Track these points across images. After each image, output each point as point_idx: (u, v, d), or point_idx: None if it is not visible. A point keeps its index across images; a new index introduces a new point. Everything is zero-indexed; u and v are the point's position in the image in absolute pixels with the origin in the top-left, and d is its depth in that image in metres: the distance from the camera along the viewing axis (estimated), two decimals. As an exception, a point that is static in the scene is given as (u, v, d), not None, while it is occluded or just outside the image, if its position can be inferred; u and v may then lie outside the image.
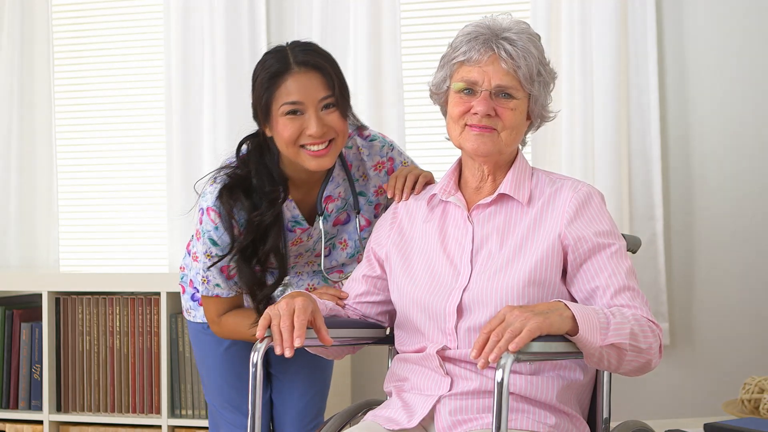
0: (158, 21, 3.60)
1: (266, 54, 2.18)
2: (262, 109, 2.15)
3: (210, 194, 2.20)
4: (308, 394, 2.47)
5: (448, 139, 2.02)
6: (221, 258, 2.20)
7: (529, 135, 2.06)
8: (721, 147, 3.20)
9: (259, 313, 2.21)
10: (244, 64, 3.43)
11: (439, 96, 2.04)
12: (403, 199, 2.15)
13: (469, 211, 2.01)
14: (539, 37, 1.99)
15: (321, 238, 2.30)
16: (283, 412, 2.47)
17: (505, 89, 1.92)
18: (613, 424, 2.00)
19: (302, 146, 2.13)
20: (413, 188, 2.16)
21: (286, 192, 2.22)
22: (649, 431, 2.04)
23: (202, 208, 2.22)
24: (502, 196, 1.99)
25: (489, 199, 1.99)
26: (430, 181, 2.20)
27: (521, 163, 2.02)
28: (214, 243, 2.21)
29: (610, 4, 3.14)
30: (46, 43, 3.64)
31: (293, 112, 2.11)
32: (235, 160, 2.25)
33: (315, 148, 2.12)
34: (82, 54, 3.70)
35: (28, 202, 3.65)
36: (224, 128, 3.42)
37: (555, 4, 3.21)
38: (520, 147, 2.06)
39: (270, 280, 2.25)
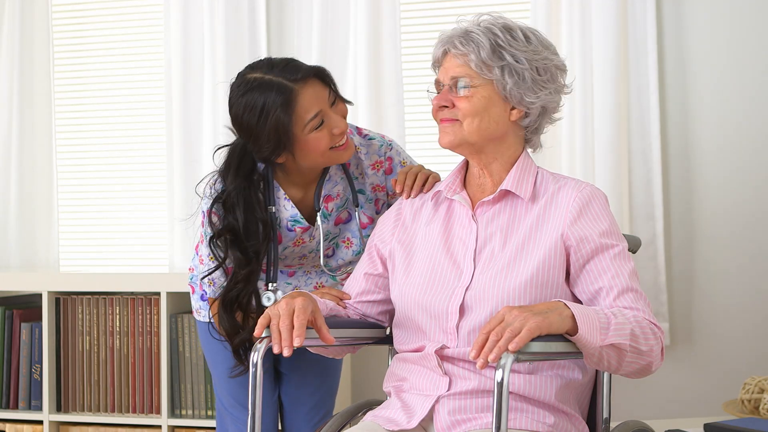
0: (158, 21, 3.60)
1: (251, 91, 2.14)
2: (285, 140, 2.14)
3: (210, 198, 2.23)
4: (318, 392, 2.48)
5: None
6: (212, 271, 2.24)
7: (544, 135, 2.06)
8: (721, 147, 3.20)
9: (236, 354, 2.25)
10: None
11: None
12: (412, 196, 2.15)
13: (473, 209, 2.01)
14: (510, 30, 1.96)
15: (320, 234, 2.31)
16: (293, 410, 2.48)
17: (458, 79, 1.96)
18: (613, 424, 2.00)
19: (331, 147, 2.18)
20: (422, 186, 2.17)
21: (267, 240, 2.23)
22: (649, 431, 2.04)
23: (203, 211, 2.23)
24: (505, 194, 1.99)
25: (491, 196, 1.99)
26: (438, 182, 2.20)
27: (525, 161, 2.02)
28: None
29: (611, 4, 3.14)
30: (46, 43, 3.65)
31: (320, 123, 2.15)
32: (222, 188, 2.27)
33: (342, 142, 2.19)
34: (82, 54, 3.70)
35: (28, 202, 3.65)
36: (224, 128, 3.41)
37: (555, 4, 3.21)
38: (529, 149, 2.06)
39: (261, 282, 2.28)
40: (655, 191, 3.19)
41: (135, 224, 3.67)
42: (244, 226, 2.21)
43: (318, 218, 2.29)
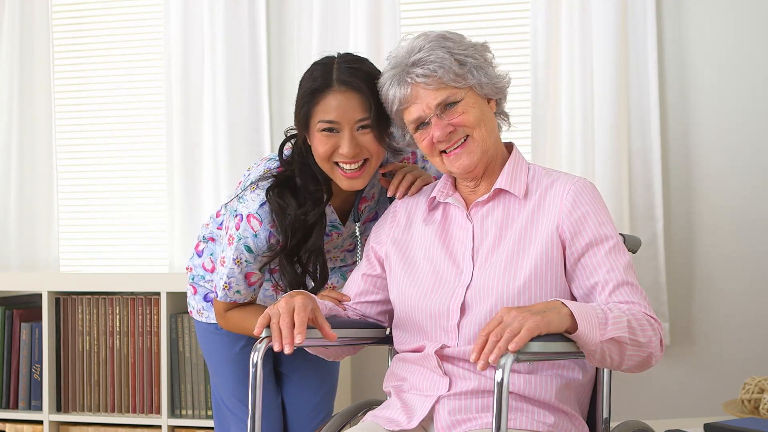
0: (158, 21, 3.61)
1: (314, 64, 2.17)
2: (301, 120, 2.15)
3: (252, 201, 2.19)
4: (319, 392, 2.49)
5: None
6: (270, 260, 2.19)
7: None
8: (721, 147, 3.20)
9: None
10: (244, 64, 3.43)
11: (412, 144, 2.07)
12: (397, 196, 2.16)
13: (468, 209, 2.01)
14: (442, 35, 1.98)
15: (359, 244, 2.30)
16: (295, 411, 2.48)
17: (444, 102, 1.95)
18: (613, 424, 2.00)
19: (336, 164, 2.14)
20: (409, 188, 2.17)
21: (330, 192, 2.22)
22: (649, 431, 2.04)
23: (241, 215, 2.20)
24: (499, 192, 2.00)
25: (486, 196, 1.99)
26: (428, 183, 2.20)
27: (516, 158, 2.03)
28: (249, 250, 2.20)
29: (611, 4, 3.14)
30: (46, 43, 3.65)
31: (329, 130, 2.11)
32: (275, 166, 2.23)
33: (348, 167, 2.13)
34: (82, 54, 3.70)
35: (28, 202, 3.65)
36: (224, 128, 3.42)
37: (555, 5, 3.21)
38: (515, 145, 2.08)
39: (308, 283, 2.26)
40: (655, 191, 3.18)
41: (135, 224, 3.67)
42: (302, 178, 2.19)
43: (357, 229, 2.30)
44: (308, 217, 2.18)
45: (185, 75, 3.48)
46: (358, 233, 2.30)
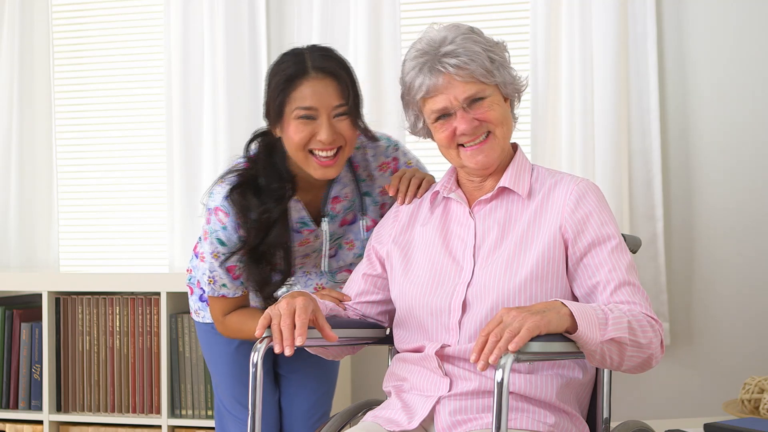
0: (158, 21, 3.61)
1: (283, 55, 2.17)
2: (275, 110, 2.14)
3: (218, 194, 2.21)
4: (316, 393, 2.49)
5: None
6: (231, 254, 2.21)
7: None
8: (721, 147, 3.20)
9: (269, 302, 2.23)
10: (244, 64, 3.43)
11: (422, 133, 2.07)
12: (406, 202, 2.16)
13: (470, 207, 2.02)
14: (472, 29, 1.99)
15: (326, 239, 2.30)
16: (291, 411, 2.48)
17: (473, 96, 1.94)
18: (613, 424, 2.00)
19: (311, 152, 2.14)
20: (416, 190, 2.17)
21: (293, 189, 2.22)
22: (649, 431, 2.04)
23: (209, 209, 2.23)
24: (503, 190, 2.00)
25: (489, 194, 2.00)
26: (433, 183, 2.21)
27: (521, 158, 2.04)
28: (222, 243, 2.22)
29: (610, 4, 3.14)
30: (46, 43, 3.65)
31: (306, 117, 2.11)
32: (242, 161, 2.25)
33: (323, 154, 2.13)
34: (82, 54, 3.70)
35: (28, 202, 3.65)
36: (224, 128, 3.42)
37: (555, 4, 3.21)
38: (519, 144, 2.08)
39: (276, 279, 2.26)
40: (655, 191, 3.18)
41: (135, 224, 3.67)
42: (265, 178, 2.19)
43: (323, 223, 2.29)
44: (271, 214, 2.18)
45: (185, 75, 3.47)
46: (325, 228, 2.28)
